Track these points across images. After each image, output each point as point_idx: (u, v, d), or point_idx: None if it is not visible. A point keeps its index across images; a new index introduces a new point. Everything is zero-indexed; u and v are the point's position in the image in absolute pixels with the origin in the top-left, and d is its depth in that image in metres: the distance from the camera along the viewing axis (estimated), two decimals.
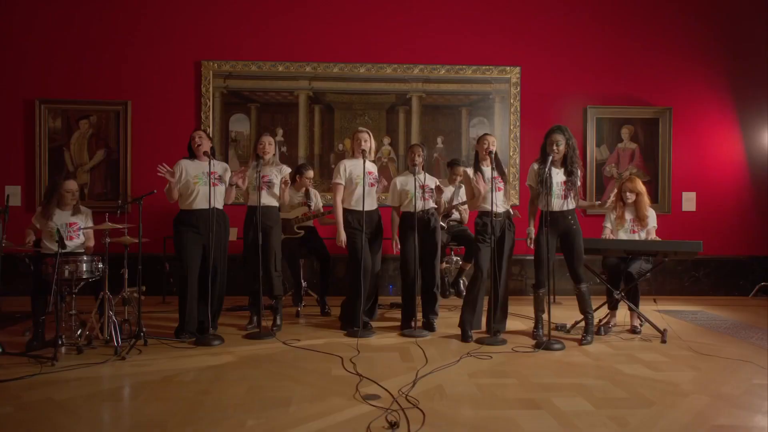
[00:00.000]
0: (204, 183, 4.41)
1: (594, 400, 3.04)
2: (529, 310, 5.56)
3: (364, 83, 6.66)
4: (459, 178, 5.43)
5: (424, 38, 6.70)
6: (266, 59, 6.58)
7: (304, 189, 5.69)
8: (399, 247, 4.91)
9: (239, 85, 6.58)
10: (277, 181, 4.75)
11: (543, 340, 4.27)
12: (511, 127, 6.74)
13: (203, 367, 3.66)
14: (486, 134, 4.60)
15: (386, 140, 6.68)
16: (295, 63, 6.58)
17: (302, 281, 5.67)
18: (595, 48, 6.78)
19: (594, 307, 4.88)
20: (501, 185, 4.50)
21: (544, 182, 4.29)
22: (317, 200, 5.81)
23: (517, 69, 6.72)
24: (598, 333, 4.65)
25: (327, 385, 3.31)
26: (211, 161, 4.35)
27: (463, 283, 5.54)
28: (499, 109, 6.75)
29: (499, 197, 4.47)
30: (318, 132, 6.66)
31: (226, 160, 6.45)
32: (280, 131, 6.62)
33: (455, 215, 5.65)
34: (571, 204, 4.42)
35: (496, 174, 4.46)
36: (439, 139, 6.72)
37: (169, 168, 4.32)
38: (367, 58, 6.66)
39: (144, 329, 4.18)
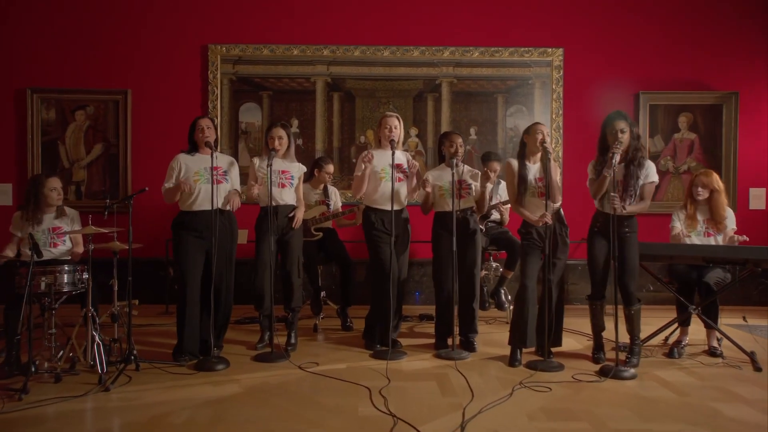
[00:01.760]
0: (206, 180, 3.77)
1: None
2: (575, 323, 4.88)
3: (388, 68, 5.98)
4: (495, 174, 4.72)
5: (455, 17, 5.99)
6: (280, 42, 5.92)
7: (322, 186, 5.03)
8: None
9: (250, 71, 5.93)
10: (296, 179, 4.12)
11: (610, 365, 3.55)
12: (553, 116, 6.01)
13: (201, 402, 3.01)
14: (538, 123, 3.90)
15: (413, 131, 5.99)
16: (311, 46, 5.92)
17: (321, 287, 4.99)
18: (647, 26, 6.01)
19: (665, 323, 4.20)
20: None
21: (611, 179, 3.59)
22: (336, 199, 5.16)
23: (560, 51, 5.99)
24: (670, 355, 3.93)
25: (354, 430, 2.64)
26: (214, 154, 3.70)
27: (504, 293, 4.84)
28: (539, 95, 6.02)
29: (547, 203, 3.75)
30: (337, 122, 5.99)
31: (235, 154, 5.83)
32: (295, 122, 5.97)
33: (494, 215, 4.95)
34: (629, 207, 3.67)
35: (540, 175, 3.75)
36: (472, 130, 6.02)
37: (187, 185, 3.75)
38: (392, 40, 5.97)
39: (135, 351, 3.55)
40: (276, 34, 5.94)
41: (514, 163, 3.85)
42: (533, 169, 3.80)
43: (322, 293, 4.99)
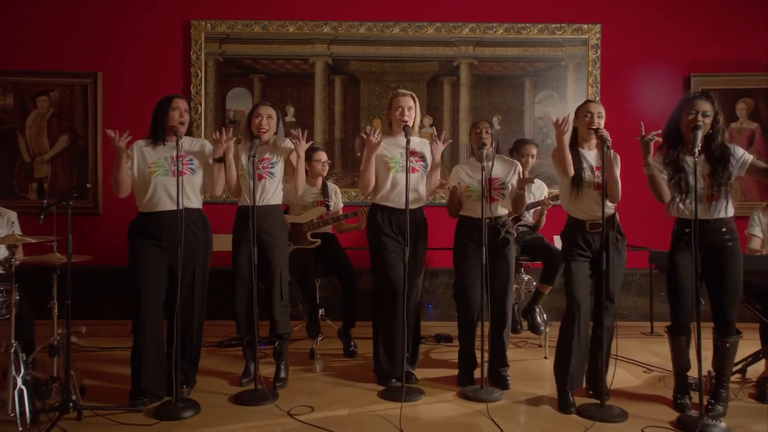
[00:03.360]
0: (165, 172, 2.98)
1: None
2: (619, 346, 4.07)
3: (398, 47, 5.17)
4: (533, 160, 3.93)
5: None
6: (273, 18, 5.13)
7: (319, 181, 4.24)
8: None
9: (239, 51, 5.14)
10: (281, 163, 3.29)
11: (692, 416, 2.74)
12: None
13: None
14: (588, 102, 3.11)
15: (427, 120, 5.18)
16: (309, 22, 5.12)
17: (319, 305, 4.17)
18: None
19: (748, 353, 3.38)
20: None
21: (682, 174, 2.81)
22: (338, 199, 4.36)
23: (597, 27, 5.17)
24: (761, 397, 3.11)
25: None
26: (179, 140, 2.90)
27: (539, 312, 4.02)
28: (573, 79, 5.20)
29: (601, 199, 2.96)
30: (339, 110, 5.19)
31: None
32: (291, 110, 5.18)
33: (526, 218, 4.14)
34: (726, 210, 2.88)
35: (599, 164, 2.97)
36: (495, 119, 5.20)
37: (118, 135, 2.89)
38: (403, 16, 5.16)
39: (76, 396, 2.75)
40: (269, 8, 5.14)
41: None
42: (590, 156, 3.01)
43: (321, 311, 4.18)
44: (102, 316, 4.82)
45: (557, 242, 4.18)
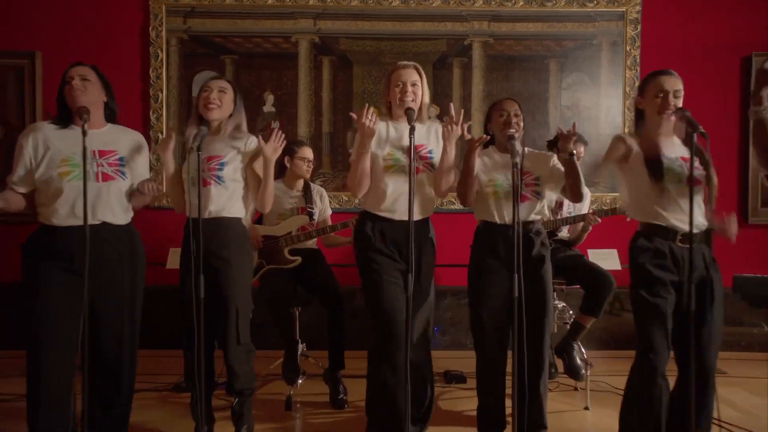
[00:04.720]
0: (80, 174, 2.14)
1: None
2: None
3: (398, 23, 4.33)
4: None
5: None
6: None
7: (300, 184, 3.40)
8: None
9: (207, 27, 4.30)
10: (237, 163, 2.46)
11: None
12: (627, 89, 4.36)
13: None
14: (660, 74, 2.27)
15: (433, 111, 4.34)
16: None
17: (299, 341, 3.31)
18: None
19: None
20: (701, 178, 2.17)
21: None
22: (324, 205, 3.51)
23: None
24: None
25: None
26: (85, 125, 2.08)
27: (578, 350, 3.15)
28: (607, 61, 4.37)
29: (697, 201, 2.13)
30: (327, 98, 4.35)
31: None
32: (270, 97, 4.34)
33: (561, 231, 3.29)
34: None
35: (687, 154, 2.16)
36: None
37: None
38: None
39: None
40: None
41: (629, 140, 2.25)
42: (671, 144, 2.20)
43: (301, 347, 3.30)
44: None
45: (594, 258, 3.36)
